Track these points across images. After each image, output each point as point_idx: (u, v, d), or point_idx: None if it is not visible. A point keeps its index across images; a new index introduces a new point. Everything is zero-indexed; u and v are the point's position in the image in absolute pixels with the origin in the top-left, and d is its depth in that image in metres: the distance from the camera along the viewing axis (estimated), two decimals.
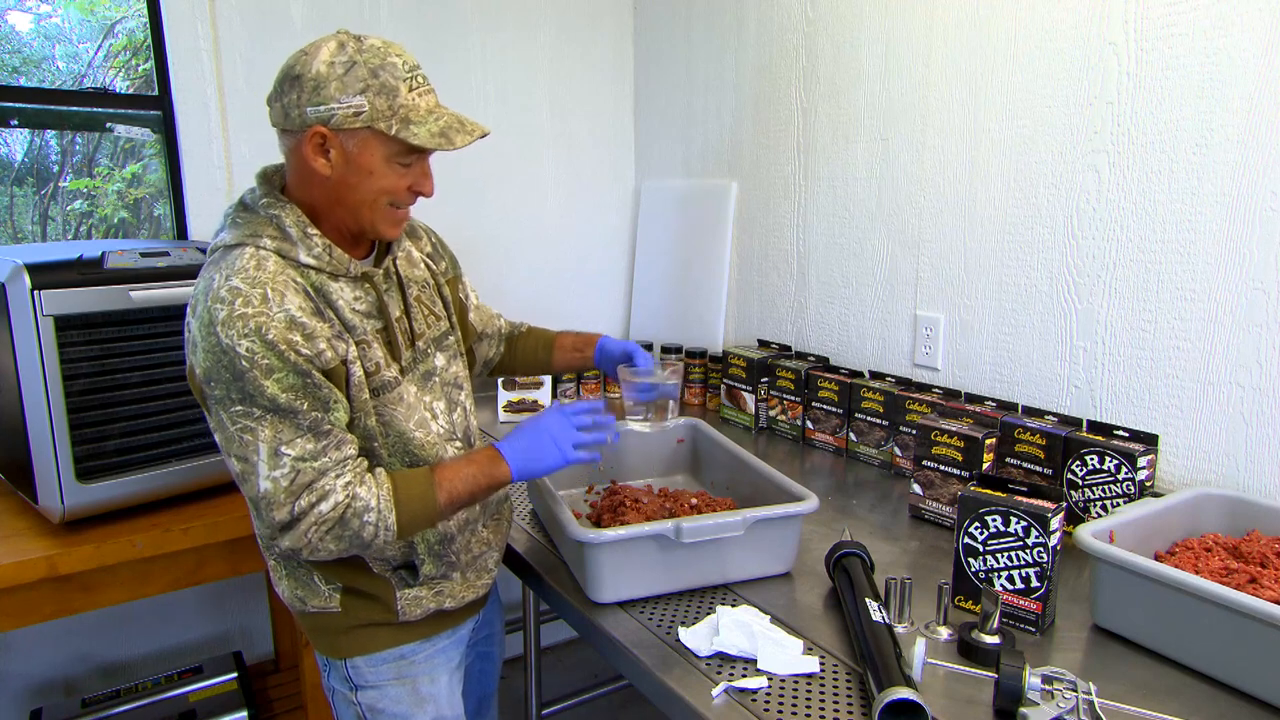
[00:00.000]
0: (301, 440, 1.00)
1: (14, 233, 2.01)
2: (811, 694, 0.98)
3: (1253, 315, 1.31)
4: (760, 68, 2.18)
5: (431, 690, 1.22)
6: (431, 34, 2.25)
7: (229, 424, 1.00)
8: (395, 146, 1.04)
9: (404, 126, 1.03)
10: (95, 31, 2.03)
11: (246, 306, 0.98)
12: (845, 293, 2.02)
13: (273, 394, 0.98)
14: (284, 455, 0.99)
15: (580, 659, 2.73)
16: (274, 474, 0.99)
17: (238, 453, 1.00)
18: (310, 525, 1.00)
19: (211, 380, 0.99)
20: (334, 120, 1.02)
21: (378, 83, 1.02)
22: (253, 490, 1.00)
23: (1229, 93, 1.30)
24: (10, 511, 1.56)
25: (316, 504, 1.00)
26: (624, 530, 1.15)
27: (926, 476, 1.51)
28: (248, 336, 0.97)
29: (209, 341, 0.98)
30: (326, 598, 1.16)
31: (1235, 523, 1.24)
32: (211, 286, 1.00)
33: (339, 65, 1.02)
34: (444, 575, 1.19)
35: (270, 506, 1.00)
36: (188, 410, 1.55)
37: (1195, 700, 0.96)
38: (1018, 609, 1.10)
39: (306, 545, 1.01)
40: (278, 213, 1.07)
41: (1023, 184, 1.59)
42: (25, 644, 1.93)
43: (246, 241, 1.05)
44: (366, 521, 1.02)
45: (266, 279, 1.01)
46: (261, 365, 0.97)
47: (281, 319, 0.99)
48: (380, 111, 1.02)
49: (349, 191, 1.06)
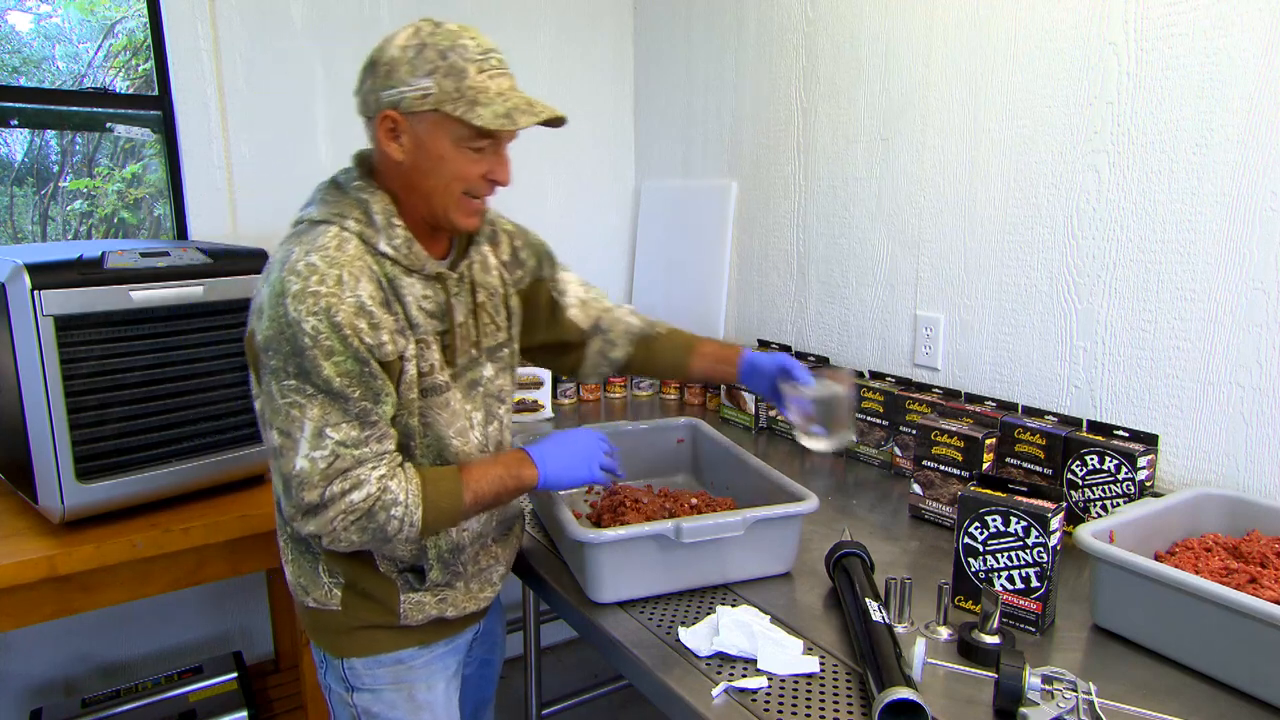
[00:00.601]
0: (347, 426, 1.00)
1: (14, 233, 2.01)
2: (811, 694, 0.98)
3: (1253, 315, 1.31)
4: (760, 68, 2.18)
5: (428, 698, 1.22)
6: None
7: (278, 396, 0.99)
8: (463, 130, 1.02)
9: (469, 108, 1.00)
10: (95, 31, 2.03)
11: (320, 285, 0.98)
12: (845, 293, 2.02)
13: (328, 375, 0.98)
14: (328, 437, 0.99)
15: (580, 659, 2.73)
16: (313, 454, 0.99)
17: (281, 426, 1.00)
18: (338, 514, 0.99)
19: (270, 350, 0.99)
20: (403, 103, 1.01)
21: (446, 64, 1.00)
22: (288, 466, 1.00)
23: (1229, 93, 1.30)
24: (10, 511, 1.56)
25: (349, 492, 0.99)
26: (624, 530, 1.15)
27: (926, 476, 1.51)
28: (316, 315, 0.97)
29: (275, 311, 0.98)
30: (327, 592, 1.15)
31: (1235, 523, 1.24)
32: (289, 258, 1.00)
33: (410, 49, 1.01)
34: (448, 583, 1.19)
35: (302, 485, 0.99)
36: (188, 410, 1.55)
37: (1195, 700, 0.96)
38: (1018, 609, 1.10)
39: (330, 533, 1.01)
40: (367, 197, 1.06)
41: (1023, 184, 1.59)
42: (25, 644, 1.93)
43: (332, 220, 1.04)
44: (393, 516, 1.02)
45: (345, 261, 1.00)
46: (324, 346, 0.97)
47: (351, 303, 0.99)
48: (447, 93, 1.00)
49: (421, 178, 1.05)
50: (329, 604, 1.16)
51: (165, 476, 1.53)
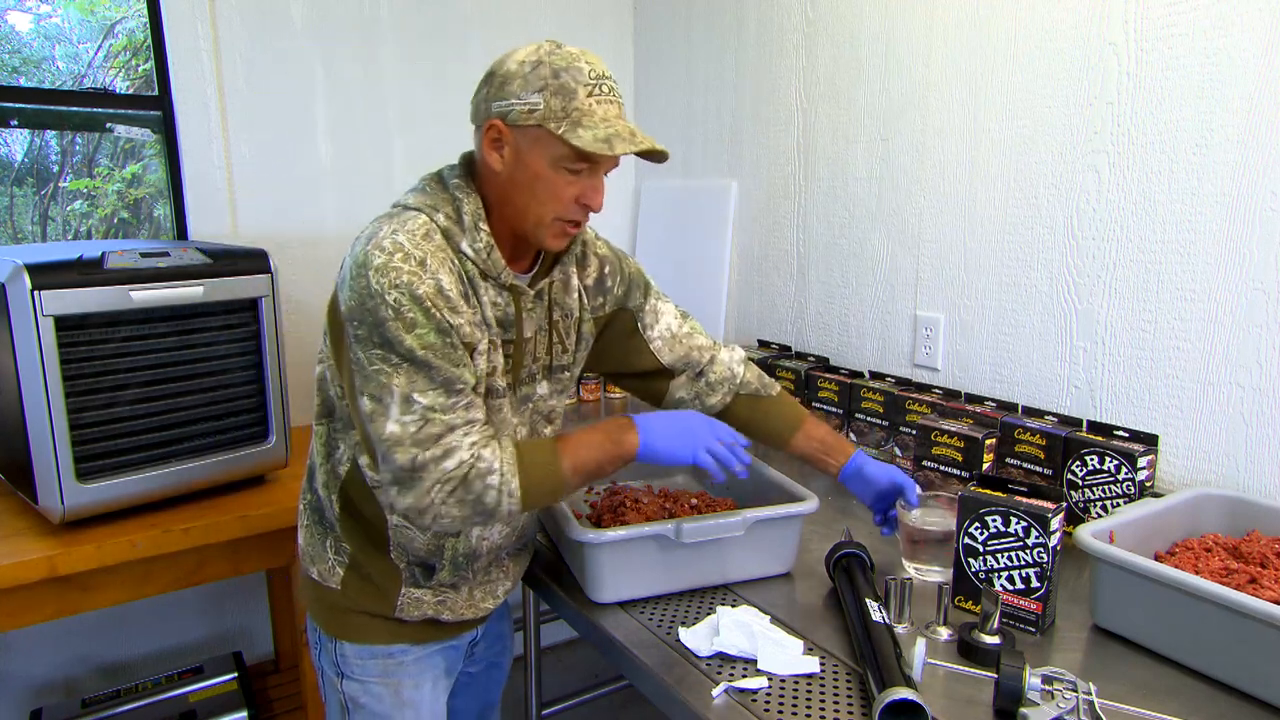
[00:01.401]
0: (434, 393, 1.00)
1: (14, 233, 2.01)
2: (811, 694, 0.98)
3: (1253, 315, 1.31)
4: (760, 68, 2.18)
5: (414, 695, 1.21)
6: (431, 34, 2.25)
7: (367, 364, 1.00)
8: (562, 150, 1.02)
9: (571, 129, 1.00)
10: (95, 31, 2.03)
11: (404, 263, 0.99)
12: (845, 293, 2.02)
13: (410, 346, 0.99)
14: (416, 402, 0.99)
15: (580, 659, 2.73)
16: (404, 419, 0.99)
17: (372, 391, 1.00)
18: (434, 483, 0.99)
19: (354, 320, 1.00)
20: (510, 115, 1.02)
21: (557, 83, 1.01)
22: (379, 430, 1.00)
23: (1229, 93, 1.30)
24: (10, 511, 1.56)
25: (441, 460, 0.99)
26: (624, 530, 1.15)
27: (926, 476, 1.51)
28: (397, 288, 0.98)
29: (359, 282, 1.00)
30: (330, 568, 1.16)
31: (1235, 523, 1.24)
32: (377, 234, 1.02)
33: (527, 64, 1.02)
34: (453, 585, 1.19)
35: (394, 448, 0.99)
36: (188, 410, 1.55)
37: (1195, 700, 0.96)
38: (1018, 609, 1.10)
39: (429, 507, 0.99)
40: (461, 196, 1.08)
41: (1023, 184, 1.59)
42: (25, 644, 1.93)
43: (425, 210, 1.06)
44: (489, 485, 1.00)
45: (430, 250, 1.02)
46: (406, 318, 0.98)
47: (431, 284, 1.00)
48: (553, 111, 1.01)
49: (516, 191, 1.06)
50: (329, 581, 1.16)
51: (165, 476, 1.53)
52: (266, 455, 1.68)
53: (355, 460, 1.12)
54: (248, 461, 1.65)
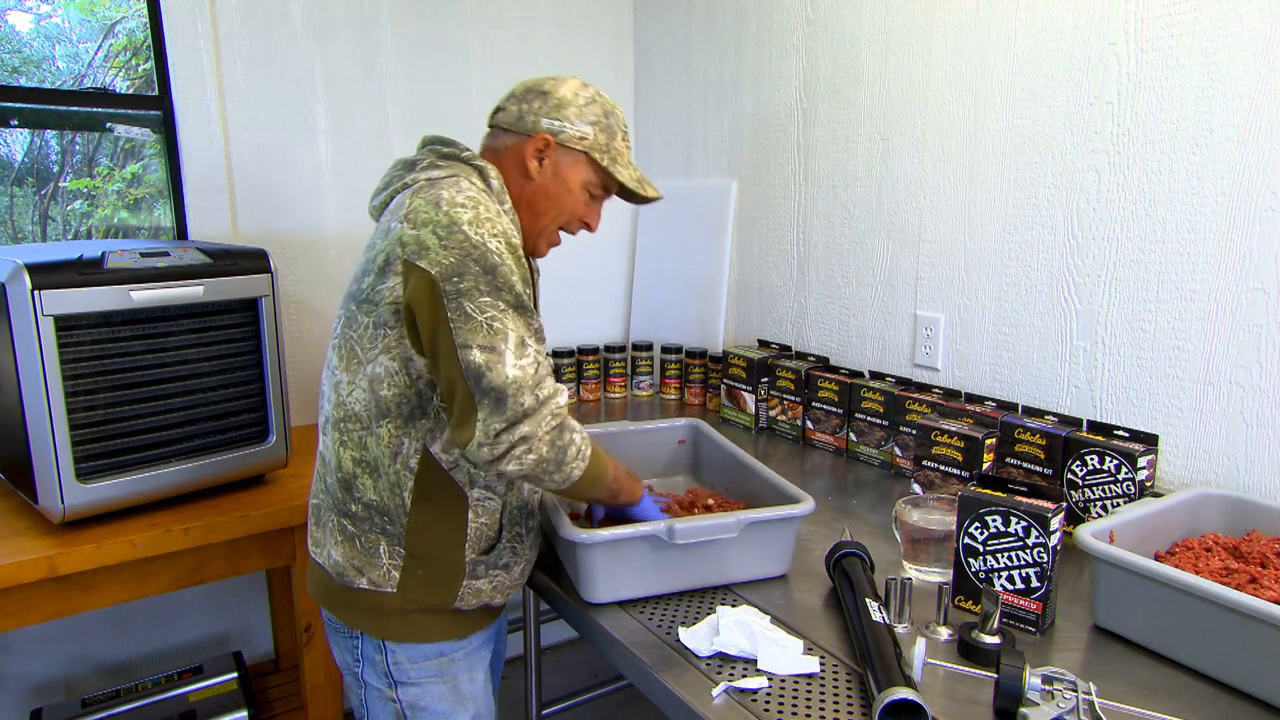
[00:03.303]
0: (533, 340, 1.06)
1: (14, 233, 2.01)
2: (811, 694, 0.98)
3: (1253, 315, 1.31)
4: (760, 68, 2.18)
5: (471, 688, 1.23)
6: (431, 33, 2.25)
7: (477, 314, 1.02)
8: (599, 177, 1.22)
9: (613, 164, 1.21)
10: (95, 31, 2.03)
11: (489, 214, 1.07)
12: (845, 293, 2.02)
13: (519, 291, 1.05)
14: (529, 346, 1.05)
15: (580, 659, 2.73)
16: (521, 362, 1.03)
17: (484, 342, 1.02)
18: (548, 413, 1.04)
19: (456, 275, 1.02)
20: (562, 136, 1.18)
21: (607, 123, 1.21)
22: (499, 378, 1.01)
23: (1229, 93, 1.30)
24: (10, 511, 1.56)
25: (554, 396, 1.05)
26: (616, 531, 1.14)
27: (926, 476, 1.51)
28: (496, 237, 1.05)
29: (454, 239, 1.03)
30: (384, 574, 1.14)
31: (1235, 523, 1.24)
32: (442, 196, 1.06)
33: (582, 97, 1.20)
34: (505, 566, 1.20)
35: (519, 391, 1.02)
36: (188, 410, 1.55)
37: (1195, 700, 0.96)
38: (1018, 609, 1.10)
39: (533, 437, 1.02)
40: (483, 166, 1.16)
41: (1023, 184, 1.59)
42: (25, 644, 1.93)
43: (460, 173, 1.13)
44: (574, 439, 1.08)
45: (494, 205, 1.11)
46: (508, 264, 1.05)
47: (516, 235, 1.10)
48: (600, 145, 1.20)
49: (543, 198, 1.20)
50: (384, 586, 1.15)
51: (165, 476, 1.53)
52: (266, 455, 1.68)
53: (427, 449, 1.12)
54: (248, 461, 1.65)
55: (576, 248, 2.62)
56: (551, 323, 2.53)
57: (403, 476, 1.13)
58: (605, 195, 1.26)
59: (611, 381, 2.33)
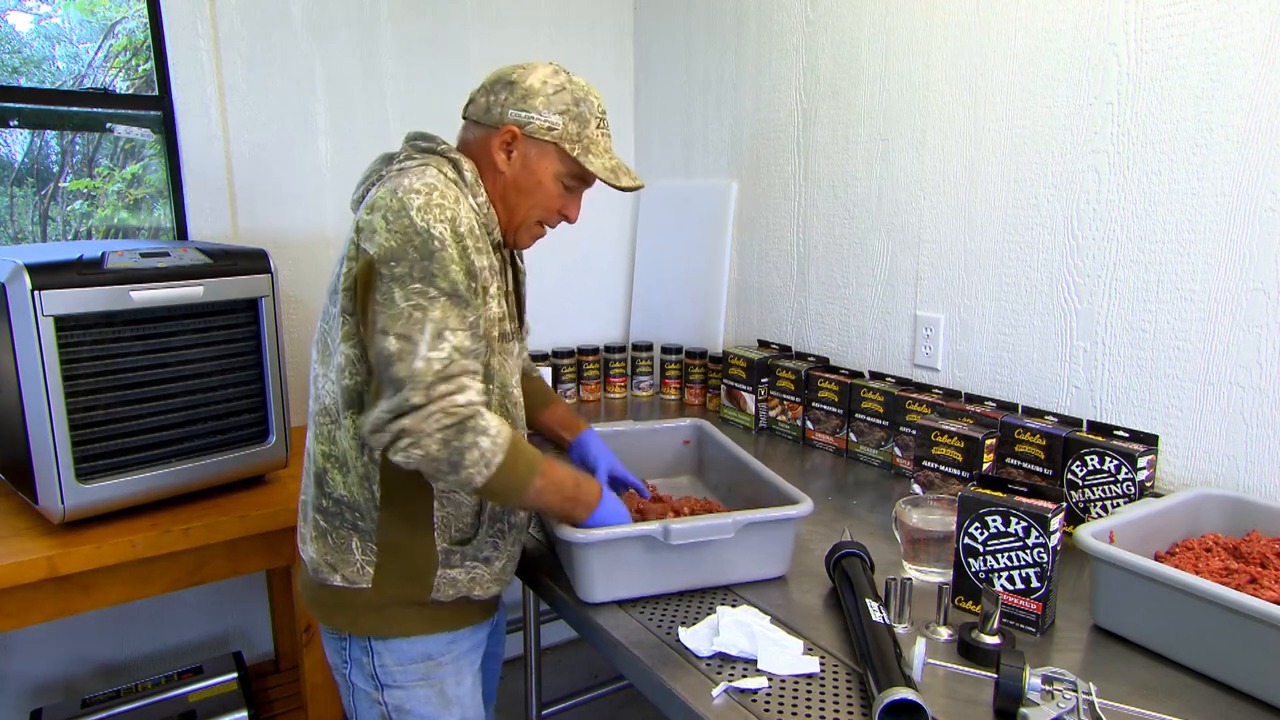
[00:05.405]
0: (463, 333, 1.04)
1: (14, 233, 2.01)
2: (811, 694, 0.98)
3: (1253, 315, 1.31)
4: (760, 68, 2.18)
5: (457, 692, 1.22)
6: (431, 33, 2.25)
7: (401, 300, 1.02)
8: (570, 168, 1.18)
9: (584, 154, 1.17)
10: (95, 32, 2.03)
11: (442, 200, 1.06)
12: (845, 293, 2.02)
13: (455, 279, 1.03)
14: (446, 340, 1.02)
15: (580, 659, 2.73)
16: (431, 354, 1.01)
17: (401, 330, 1.01)
18: (439, 410, 0.99)
19: (393, 260, 1.02)
20: (529, 127, 1.15)
21: (576, 111, 1.16)
22: (404, 370, 1.00)
23: (1229, 93, 1.30)
24: (10, 511, 1.56)
25: (453, 394, 1.01)
26: (611, 531, 1.14)
27: (926, 477, 1.51)
28: (443, 223, 1.04)
29: (399, 224, 1.03)
30: (357, 570, 1.14)
31: (1235, 523, 1.24)
32: (401, 184, 1.06)
33: (550, 85, 1.16)
34: (487, 560, 1.20)
35: (413, 387, 0.99)
36: (188, 410, 1.55)
37: (1195, 700, 0.96)
38: (1018, 609, 1.10)
39: (418, 432, 0.99)
40: (457, 158, 1.16)
41: (1023, 184, 1.59)
42: (25, 644, 1.93)
43: (431, 164, 1.13)
44: (479, 443, 1.02)
45: (453, 193, 1.09)
46: (449, 251, 1.04)
47: (466, 220, 1.07)
48: (569, 134, 1.16)
49: (513, 192, 1.18)
50: (359, 582, 1.15)
51: (165, 476, 1.53)
52: (266, 455, 1.68)
53: None
54: (248, 461, 1.65)
55: (576, 248, 2.63)
56: (551, 323, 2.54)
57: (370, 470, 1.13)
58: (582, 186, 1.22)
59: (611, 382, 2.33)
